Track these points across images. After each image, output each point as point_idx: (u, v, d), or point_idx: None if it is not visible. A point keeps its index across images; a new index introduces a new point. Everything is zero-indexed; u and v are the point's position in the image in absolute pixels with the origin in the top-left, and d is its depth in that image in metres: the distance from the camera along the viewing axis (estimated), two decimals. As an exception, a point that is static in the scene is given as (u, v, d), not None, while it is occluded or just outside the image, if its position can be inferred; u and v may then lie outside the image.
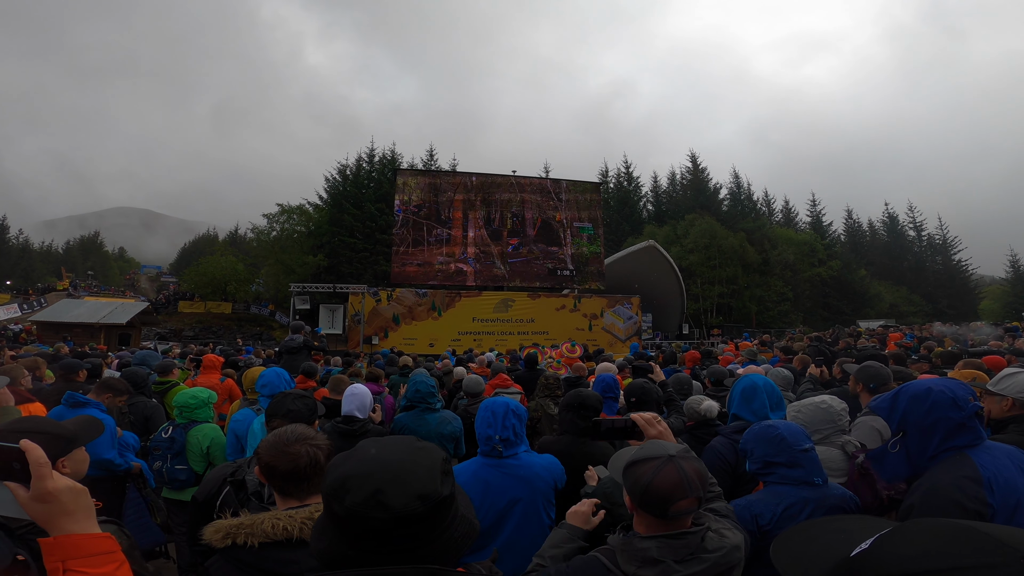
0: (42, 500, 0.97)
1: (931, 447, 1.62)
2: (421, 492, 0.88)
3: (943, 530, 0.61)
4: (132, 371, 4.69)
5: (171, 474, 3.55)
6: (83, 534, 0.99)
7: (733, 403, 2.72)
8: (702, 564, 1.35)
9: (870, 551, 0.63)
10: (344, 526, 0.89)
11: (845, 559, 0.66)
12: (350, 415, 3.27)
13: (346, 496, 0.88)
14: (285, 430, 1.55)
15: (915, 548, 0.59)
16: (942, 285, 45.74)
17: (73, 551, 0.96)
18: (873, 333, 16.90)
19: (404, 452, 0.95)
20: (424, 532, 0.90)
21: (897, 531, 0.65)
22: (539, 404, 4.92)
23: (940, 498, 1.52)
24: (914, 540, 0.61)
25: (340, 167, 40.85)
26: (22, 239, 68.65)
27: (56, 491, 0.98)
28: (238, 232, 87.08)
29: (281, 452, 1.46)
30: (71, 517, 0.98)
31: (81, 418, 1.69)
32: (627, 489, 1.44)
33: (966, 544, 0.57)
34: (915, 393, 1.67)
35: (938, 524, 0.63)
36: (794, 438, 1.93)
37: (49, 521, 0.98)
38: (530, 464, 2.42)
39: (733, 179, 48.57)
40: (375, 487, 0.87)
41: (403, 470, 0.91)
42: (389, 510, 0.86)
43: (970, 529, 0.60)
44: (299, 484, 1.46)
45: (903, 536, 0.63)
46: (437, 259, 25.63)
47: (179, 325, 33.62)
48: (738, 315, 36.71)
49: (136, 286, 72.95)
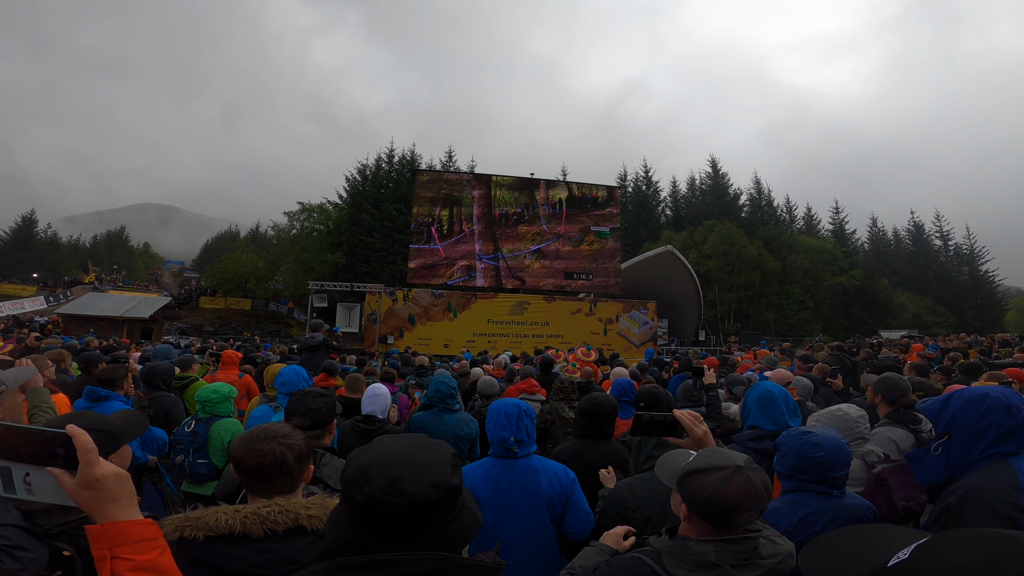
0: (89, 486, 0.97)
1: (976, 452, 1.64)
2: (435, 481, 0.96)
3: (985, 540, 0.60)
4: (155, 365, 4.77)
5: (192, 468, 3.62)
6: (129, 520, 0.99)
7: (749, 412, 2.70)
8: (758, 570, 1.33)
9: (909, 561, 0.62)
10: (362, 513, 0.96)
11: (882, 568, 0.64)
12: (370, 415, 3.31)
13: (366, 484, 0.96)
14: (262, 426, 1.53)
15: (958, 558, 0.58)
16: (968, 296, 44.67)
17: (120, 538, 0.97)
18: (894, 343, 16.56)
19: (418, 446, 1.04)
20: (435, 519, 0.97)
21: (937, 540, 0.63)
22: (553, 407, 4.92)
23: (978, 500, 1.53)
24: (956, 550, 0.59)
25: (360, 166, 41.30)
26: (50, 233, 70.31)
27: (103, 477, 0.98)
28: (259, 230, 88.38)
29: (249, 448, 1.43)
30: (116, 504, 0.99)
31: (126, 412, 1.69)
32: (686, 497, 1.41)
33: (1010, 553, 0.56)
34: (970, 397, 1.70)
35: (980, 533, 0.62)
36: (831, 462, 1.87)
37: (95, 508, 0.98)
38: (543, 469, 2.43)
39: (754, 185, 47.99)
40: (394, 475, 0.95)
41: (418, 461, 0.99)
42: (406, 496, 0.94)
43: (1013, 539, 0.58)
44: (263, 482, 1.42)
45: (944, 546, 0.61)
46: (454, 260, 25.72)
47: (200, 320, 34.21)
48: (755, 322, 36.23)
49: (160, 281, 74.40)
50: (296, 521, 1.34)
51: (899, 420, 3.02)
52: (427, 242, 25.41)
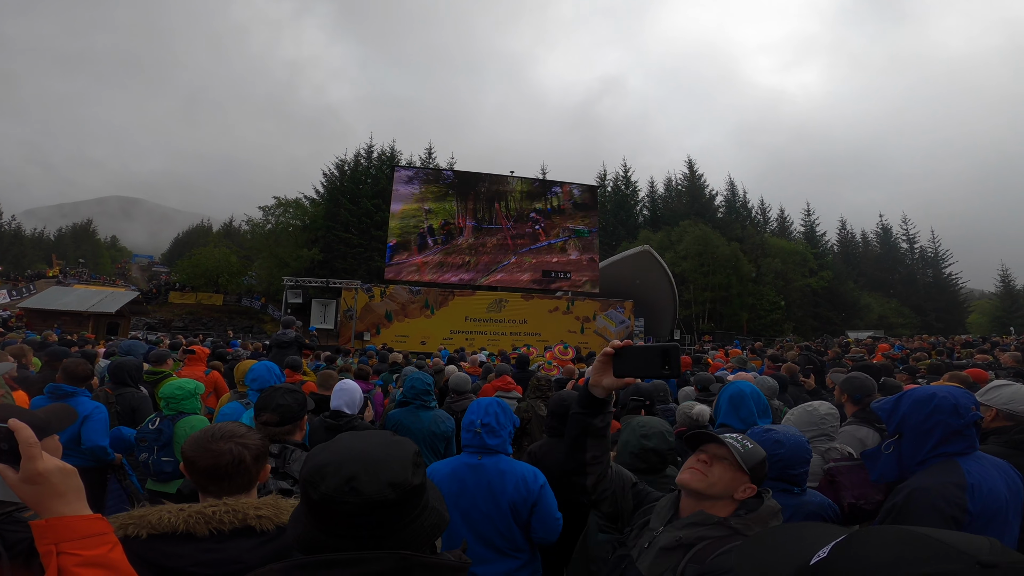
0: (32, 481, 0.95)
1: (923, 451, 1.67)
2: (392, 480, 0.93)
3: (900, 538, 0.61)
4: (122, 361, 4.64)
5: (157, 466, 3.52)
6: (75, 516, 0.97)
7: (720, 411, 2.75)
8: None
9: (828, 559, 0.63)
10: (319, 512, 0.94)
11: (805, 566, 0.65)
12: (338, 410, 3.28)
13: (321, 482, 0.93)
14: (216, 425, 1.49)
15: (873, 556, 0.59)
16: (932, 298, 46.04)
17: (66, 533, 0.94)
18: (861, 344, 17.03)
19: (378, 444, 1.01)
20: (395, 519, 0.95)
21: (854, 538, 0.65)
22: (530, 405, 4.93)
23: (923, 500, 1.56)
24: (872, 548, 0.61)
25: (338, 162, 40.75)
26: (14, 225, 67.91)
27: (47, 472, 0.96)
28: (232, 224, 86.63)
29: (204, 448, 1.40)
30: (62, 499, 0.97)
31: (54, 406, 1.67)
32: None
33: (924, 551, 0.58)
34: (918, 397, 1.72)
35: (896, 532, 0.63)
36: (791, 459, 1.90)
37: (40, 503, 0.96)
38: (509, 472, 2.41)
39: (729, 187, 48.87)
40: (350, 474, 0.93)
41: (376, 459, 0.96)
42: (361, 495, 0.91)
43: (928, 537, 0.60)
44: (219, 482, 1.40)
45: (861, 544, 0.62)
46: (432, 257, 25.58)
47: (169, 316, 33.36)
48: (729, 322, 36.85)
49: (127, 275, 72.41)
50: (244, 521, 1.32)
51: (866, 419, 3.07)
52: (406, 257, 25.20)
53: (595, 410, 1.49)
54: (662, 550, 1.38)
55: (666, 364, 1.36)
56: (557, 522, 2.41)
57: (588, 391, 1.49)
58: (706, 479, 1.41)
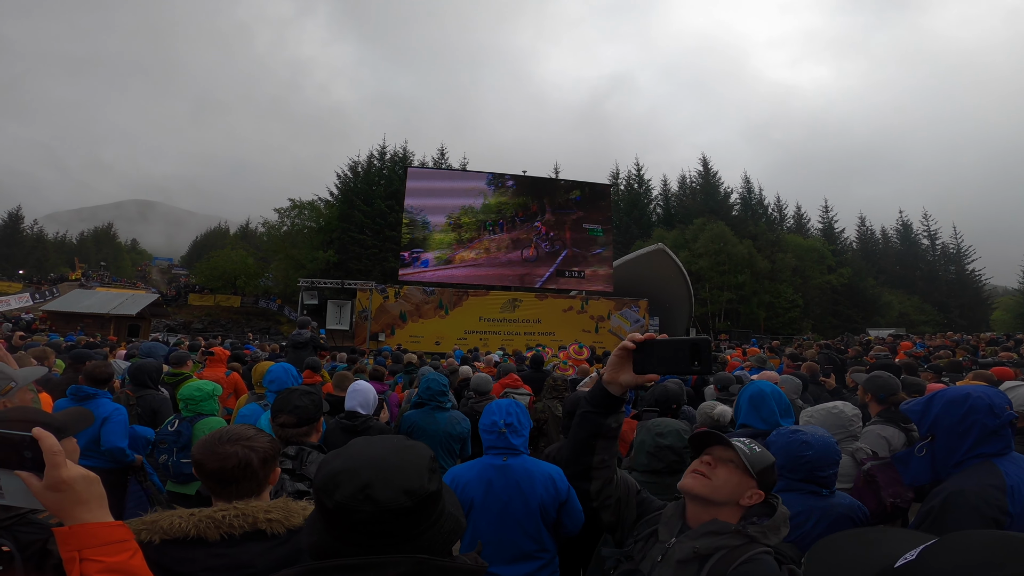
0: (56, 489, 0.96)
1: (960, 452, 1.62)
2: (407, 487, 0.91)
3: (990, 541, 0.60)
4: (143, 363, 4.70)
5: (176, 468, 3.56)
6: (98, 522, 0.98)
7: (741, 411, 2.69)
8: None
9: (917, 562, 0.62)
10: (334, 520, 0.92)
11: (888, 570, 0.64)
12: (353, 411, 3.28)
13: (336, 491, 0.91)
14: (225, 428, 1.49)
15: (963, 559, 0.58)
16: (954, 295, 45.20)
17: (89, 540, 0.96)
18: (883, 342, 16.72)
19: (392, 449, 0.98)
20: (411, 526, 0.93)
21: (944, 542, 0.63)
22: (546, 405, 4.90)
23: (962, 503, 1.51)
24: (962, 551, 0.60)
25: (352, 163, 41.10)
26: (36, 229, 69.51)
27: (71, 479, 0.97)
28: (249, 226, 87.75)
29: (211, 451, 1.39)
30: (85, 506, 0.98)
31: (71, 410, 1.69)
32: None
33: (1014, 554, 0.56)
34: (952, 398, 1.68)
35: (985, 535, 0.62)
36: (820, 461, 1.87)
37: (63, 510, 0.97)
38: (538, 472, 2.42)
39: (744, 184, 48.37)
40: (364, 481, 0.90)
41: (391, 466, 0.94)
42: (376, 503, 0.89)
43: (1017, 540, 0.59)
44: (226, 486, 1.39)
45: (951, 547, 0.61)
46: (445, 257, 25.63)
47: (188, 317, 33.91)
48: (746, 321, 36.47)
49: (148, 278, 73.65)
50: (254, 525, 1.31)
51: (890, 419, 3.02)
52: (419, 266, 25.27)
53: (609, 409, 1.40)
54: (679, 563, 1.30)
55: (696, 359, 1.22)
56: (583, 514, 2.39)
57: (603, 388, 1.39)
58: (709, 483, 1.34)
